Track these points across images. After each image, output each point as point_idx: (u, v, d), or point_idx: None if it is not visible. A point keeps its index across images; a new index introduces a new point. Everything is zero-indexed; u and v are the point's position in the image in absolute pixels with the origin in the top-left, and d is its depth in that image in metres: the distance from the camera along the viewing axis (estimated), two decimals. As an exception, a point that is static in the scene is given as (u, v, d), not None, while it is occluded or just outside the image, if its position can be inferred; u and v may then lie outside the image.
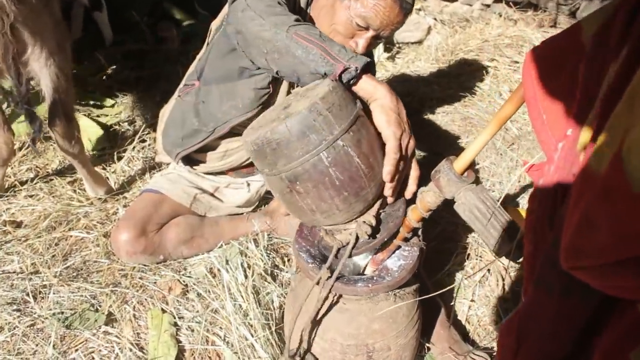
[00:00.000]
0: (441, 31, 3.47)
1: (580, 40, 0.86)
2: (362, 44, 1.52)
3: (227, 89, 1.67)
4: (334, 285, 1.27)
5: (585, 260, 0.55)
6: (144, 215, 1.85)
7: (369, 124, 1.21)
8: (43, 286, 1.81)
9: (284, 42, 1.27)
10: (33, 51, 1.82)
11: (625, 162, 0.50)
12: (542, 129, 0.89)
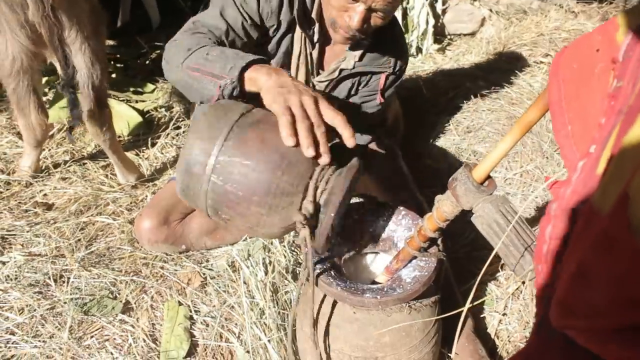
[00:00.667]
0: (496, 23, 3.29)
1: (614, 39, 0.74)
2: (355, 19, 1.41)
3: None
4: (341, 295, 1.19)
5: (577, 320, 0.45)
6: (168, 204, 1.83)
7: (259, 115, 1.12)
8: (65, 270, 1.82)
9: (183, 79, 1.30)
10: (69, 35, 1.82)
11: (632, 206, 0.40)
12: (566, 142, 0.78)
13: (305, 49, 1.61)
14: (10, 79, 1.87)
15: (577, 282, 0.45)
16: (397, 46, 1.72)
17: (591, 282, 0.43)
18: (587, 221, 0.47)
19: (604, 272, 0.41)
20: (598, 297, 0.42)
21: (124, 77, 2.90)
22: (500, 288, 1.75)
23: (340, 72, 1.66)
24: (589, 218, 0.46)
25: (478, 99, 2.47)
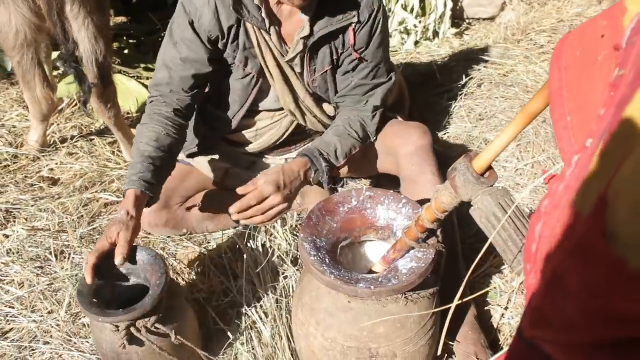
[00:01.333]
0: (517, 8, 3.19)
1: (620, 24, 0.69)
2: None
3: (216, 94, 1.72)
4: (334, 283, 1.17)
5: (550, 333, 0.41)
6: (168, 188, 1.74)
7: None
8: (66, 246, 1.82)
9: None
10: (72, 10, 1.79)
11: (610, 211, 0.36)
12: (564, 134, 0.73)
13: (262, 38, 1.56)
14: (15, 52, 1.86)
15: (553, 290, 0.41)
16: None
17: (566, 292, 0.39)
18: (567, 223, 0.43)
19: (579, 282, 0.38)
20: (573, 308, 0.38)
21: (136, 53, 2.88)
22: (505, 281, 1.71)
23: (306, 43, 1.57)
24: (570, 219, 0.42)
25: (492, 86, 2.41)
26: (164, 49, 1.60)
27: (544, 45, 2.58)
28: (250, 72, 1.62)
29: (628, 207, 0.34)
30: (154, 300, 1.24)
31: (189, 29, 1.53)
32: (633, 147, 0.36)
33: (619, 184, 0.36)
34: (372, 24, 1.59)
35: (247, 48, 1.58)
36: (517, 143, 2.12)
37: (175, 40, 1.56)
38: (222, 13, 1.51)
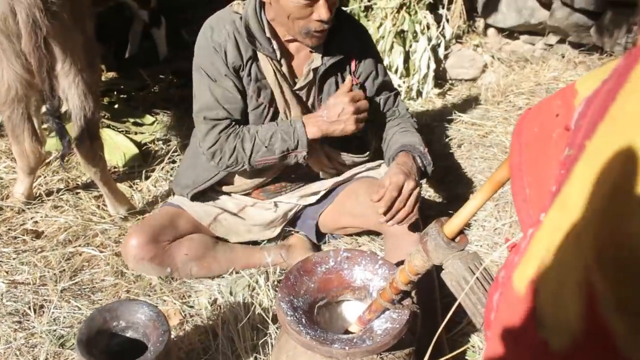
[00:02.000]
0: (497, 70, 3.31)
1: (572, 105, 0.75)
2: (324, 12, 1.56)
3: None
4: (310, 344, 1.18)
5: None
6: (158, 224, 1.86)
7: None
8: (46, 300, 1.82)
9: (255, 167, 1.80)
10: (62, 67, 1.85)
11: (538, 294, 0.39)
12: (523, 206, 0.78)
13: (274, 68, 1.73)
14: (5, 106, 1.90)
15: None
16: (353, 27, 1.87)
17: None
18: (506, 302, 0.46)
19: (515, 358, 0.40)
20: None
21: (125, 107, 2.94)
22: (482, 340, 1.72)
23: (315, 73, 1.76)
24: (507, 299, 0.45)
25: (472, 146, 2.48)
26: (207, 88, 1.74)
27: (522, 107, 2.68)
28: (262, 101, 1.77)
29: (550, 292, 0.37)
30: (156, 355, 1.26)
31: (222, 65, 1.71)
32: (556, 238, 0.40)
33: (544, 269, 0.39)
34: (370, 49, 1.89)
35: (259, 79, 1.75)
36: (495, 203, 2.17)
37: (216, 78, 1.73)
38: (241, 45, 1.70)
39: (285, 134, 1.71)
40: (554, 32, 3.44)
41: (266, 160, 1.75)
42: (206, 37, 1.73)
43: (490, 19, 3.65)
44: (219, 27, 1.71)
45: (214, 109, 1.73)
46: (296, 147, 1.72)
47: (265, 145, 1.72)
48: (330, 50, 1.76)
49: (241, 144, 1.72)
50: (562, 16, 3.27)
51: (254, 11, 1.70)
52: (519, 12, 3.50)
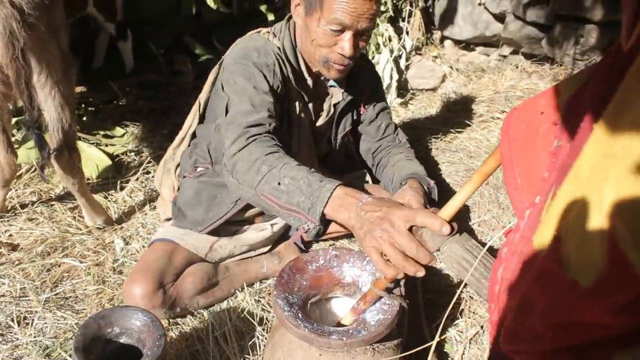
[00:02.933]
0: (456, 80, 3.47)
1: (556, 104, 0.85)
2: (347, 46, 1.55)
3: None
4: (308, 336, 1.24)
5: (521, 344, 0.52)
6: (159, 267, 1.75)
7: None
8: (29, 312, 1.81)
9: (259, 202, 1.41)
10: (39, 80, 1.86)
11: (563, 247, 0.48)
12: (515, 194, 0.87)
13: (300, 102, 1.76)
14: None
15: (522, 311, 0.52)
16: (366, 63, 1.96)
17: (533, 311, 0.50)
18: (530, 259, 0.54)
19: (542, 302, 0.48)
20: (538, 323, 0.49)
21: (94, 120, 2.93)
22: (460, 333, 1.81)
23: (336, 107, 1.82)
24: (531, 257, 0.54)
25: (438, 152, 2.60)
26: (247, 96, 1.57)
27: (483, 114, 2.82)
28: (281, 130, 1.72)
29: (574, 242, 0.46)
30: (155, 358, 1.29)
31: (265, 82, 1.61)
32: (575, 203, 0.48)
33: (567, 226, 0.47)
34: (378, 81, 2.01)
35: (285, 110, 1.74)
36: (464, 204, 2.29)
37: (257, 88, 1.58)
38: (285, 71, 1.70)
39: (307, 186, 1.29)
40: (507, 43, 3.63)
41: (270, 200, 1.36)
42: (250, 57, 1.63)
43: (447, 31, 3.82)
44: (267, 52, 1.66)
45: (254, 113, 1.53)
46: (307, 210, 1.28)
47: (282, 182, 1.33)
48: (349, 87, 1.83)
49: (262, 165, 1.39)
50: (515, 29, 3.46)
51: (291, 45, 1.71)
52: (475, 25, 3.68)
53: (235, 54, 1.69)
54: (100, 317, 1.43)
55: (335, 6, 1.50)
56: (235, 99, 1.57)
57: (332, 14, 1.51)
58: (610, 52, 0.71)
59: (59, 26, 1.97)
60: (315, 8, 1.55)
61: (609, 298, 0.43)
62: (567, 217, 0.48)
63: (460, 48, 3.86)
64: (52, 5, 1.85)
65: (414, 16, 3.67)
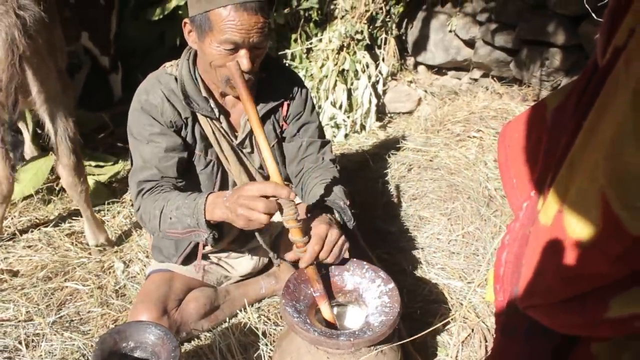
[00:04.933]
0: (431, 103, 3.64)
1: (544, 115, 0.98)
2: (245, 62, 1.55)
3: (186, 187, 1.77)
4: (318, 339, 1.33)
5: (536, 299, 0.64)
6: (161, 294, 1.80)
7: None
8: (36, 335, 1.85)
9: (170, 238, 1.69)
10: (39, 95, 1.96)
11: (565, 216, 0.60)
12: (512, 192, 0.99)
13: (214, 126, 1.75)
14: None
15: (536, 272, 0.63)
16: (286, 75, 1.87)
17: (545, 271, 0.61)
18: (537, 234, 0.66)
19: (552, 262, 0.60)
20: (549, 280, 0.60)
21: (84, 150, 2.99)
22: (452, 337, 1.92)
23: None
24: (538, 232, 0.66)
25: (421, 170, 2.74)
26: (138, 152, 1.71)
27: (460, 133, 2.98)
28: (211, 159, 1.78)
29: (576, 211, 0.58)
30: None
31: (156, 124, 1.67)
32: (572, 183, 0.61)
33: (568, 201, 0.60)
34: (302, 94, 1.87)
35: (203, 138, 1.75)
36: (447, 217, 2.42)
37: (146, 139, 1.68)
38: (178, 106, 1.69)
39: (187, 207, 1.55)
40: (478, 67, 3.83)
41: (173, 233, 1.62)
42: (140, 101, 1.70)
43: (420, 57, 4.01)
44: (154, 90, 1.69)
45: (143, 170, 1.68)
46: (197, 225, 1.54)
47: (170, 217, 1.58)
48: (262, 98, 1.77)
49: (155, 210, 1.61)
50: (484, 53, 3.66)
51: (188, 72, 1.70)
52: (446, 51, 3.88)
53: (132, 102, 1.74)
54: (116, 332, 1.49)
55: (224, 27, 1.51)
56: (133, 153, 1.76)
57: (223, 34, 1.51)
58: (587, 71, 0.85)
59: (57, 46, 2.09)
60: (206, 32, 1.55)
61: (607, 250, 0.56)
62: (567, 195, 0.61)
63: (433, 73, 4.05)
64: (52, 25, 1.96)
65: (389, 43, 3.84)
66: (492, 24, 3.58)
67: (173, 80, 1.70)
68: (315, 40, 3.75)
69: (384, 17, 3.74)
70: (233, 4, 1.49)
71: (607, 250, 0.57)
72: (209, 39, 1.54)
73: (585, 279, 0.59)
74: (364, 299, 1.54)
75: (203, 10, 1.52)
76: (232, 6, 1.49)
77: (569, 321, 0.64)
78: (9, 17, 1.78)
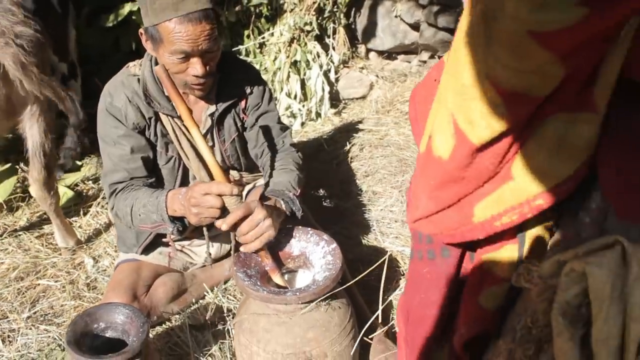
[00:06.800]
0: (382, 86, 3.80)
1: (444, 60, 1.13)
2: (198, 69, 1.65)
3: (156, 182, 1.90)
4: (267, 297, 1.47)
5: (419, 213, 0.79)
6: (130, 282, 1.92)
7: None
8: (12, 330, 1.95)
9: (139, 232, 1.92)
10: (31, 109, 2.08)
11: (432, 139, 0.75)
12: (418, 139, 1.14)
13: (175, 124, 1.84)
14: None
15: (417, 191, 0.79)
16: (243, 70, 1.97)
17: (422, 188, 0.77)
18: (418, 161, 0.82)
19: (426, 176, 0.76)
20: (425, 193, 0.75)
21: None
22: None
23: (212, 118, 1.89)
24: (419, 159, 0.81)
25: (372, 148, 2.89)
26: (106, 154, 1.83)
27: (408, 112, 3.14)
28: (172, 155, 1.89)
29: (437, 133, 0.74)
30: (140, 342, 1.47)
31: (120, 126, 1.78)
32: (436, 114, 0.76)
33: (433, 126, 0.75)
34: (259, 86, 1.98)
35: (164, 135, 1.85)
36: (399, 190, 2.57)
37: (113, 141, 1.80)
38: (141, 106, 1.79)
39: (152, 204, 1.71)
40: (425, 49, 4.00)
41: (145, 227, 1.79)
42: (105, 103, 1.79)
43: (370, 44, 4.16)
44: (118, 93, 1.78)
45: (114, 172, 1.81)
46: (162, 219, 1.71)
47: (139, 213, 1.74)
48: (222, 95, 1.88)
49: (127, 208, 1.77)
50: (429, 35, 3.83)
51: (150, 71, 1.77)
52: (394, 36, 4.04)
53: (98, 105, 1.84)
54: (87, 314, 1.59)
55: (173, 38, 1.59)
56: (102, 155, 1.88)
57: (173, 45, 1.60)
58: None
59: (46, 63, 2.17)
60: (158, 43, 1.64)
61: (459, 159, 0.72)
62: (433, 122, 0.76)
63: (383, 58, 4.21)
64: (47, 43, 2.09)
65: (338, 33, 3.99)
66: (434, 7, 3.75)
67: (136, 81, 1.79)
68: (267, 34, 3.88)
69: (331, 7, 3.88)
70: (177, 16, 1.57)
71: (459, 159, 0.72)
72: (162, 50, 1.64)
73: (447, 187, 0.75)
74: (310, 261, 1.68)
75: (152, 23, 1.62)
76: (177, 19, 1.57)
77: (448, 228, 0.79)
78: (9, 49, 1.90)
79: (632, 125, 0.64)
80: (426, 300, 0.98)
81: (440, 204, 0.78)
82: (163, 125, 1.84)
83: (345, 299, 1.64)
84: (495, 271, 0.86)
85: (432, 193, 0.78)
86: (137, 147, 1.81)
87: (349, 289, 1.70)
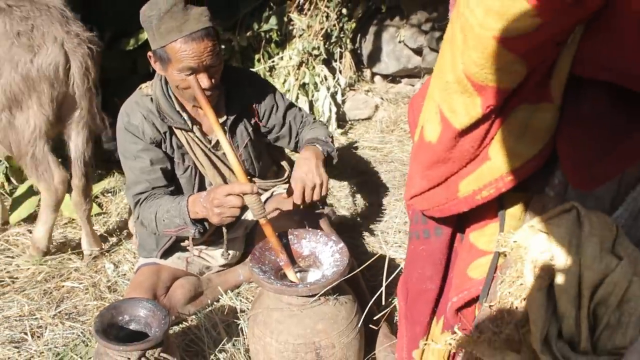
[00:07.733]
0: (387, 108, 3.97)
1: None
2: (205, 82, 1.80)
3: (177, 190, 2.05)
4: (280, 289, 1.61)
5: (413, 191, 0.94)
6: (150, 283, 2.06)
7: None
8: (39, 327, 2.09)
9: (164, 236, 2.04)
10: (79, 114, 2.23)
11: (424, 128, 0.91)
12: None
13: (188, 136, 2.00)
14: (29, 146, 2.18)
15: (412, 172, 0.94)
16: (247, 79, 2.12)
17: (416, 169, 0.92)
18: (413, 150, 0.97)
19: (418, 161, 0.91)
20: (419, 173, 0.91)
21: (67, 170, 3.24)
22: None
23: (224, 126, 1.98)
24: (413, 148, 0.96)
25: (377, 164, 3.05)
26: (128, 168, 1.98)
27: (411, 130, 3.31)
28: (188, 164, 2.04)
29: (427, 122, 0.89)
30: (162, 332, 1.60)
31: (139, 142, 1.94)
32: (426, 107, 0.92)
33: (424, 117, 0.91)
34: (266, 90, 2.14)
35: (180, 147, 2.01)
36: (401, 202, 2.72)
37: (133, 155, 1.95)
38: (156, 122, 1.94)
39: (174, 209, 1.85)
40: (427, 73, 4.19)
41: (169, 232, 1.93)
42: (123, 122, 1.95)
43: (375, 68, 4.36)
44: (134, 112, 1.94)
45: (136, 184, 1.96)
46: (184, 223, 1.85)
47: (163, 219, 1.88)
48: (232, 104, 2.02)
49: (151, 215, 1.90)
50: (432, 59, 4.02)
51: (161, 90, 1.92)
52: (398, 60, 4.23)
53: (117, 124, 2.00)
54: (112, 308, 1.73)
55: (180, 57, 1.74)
56: (124, 169, 2.03)
57: (180, 63, 1.75)
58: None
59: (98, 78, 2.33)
60: (166, 63, 1.78)
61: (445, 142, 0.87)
62: (424, 113, 0.92)
63: (388, 81, 4.40)
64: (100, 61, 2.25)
65: (345, 57, 4.19)
66: (436, 32, 3.95)
67: (149, 100, 1.95)
68: (276, 58, 4.07)
69: (338, 33, 4.09)
70: (182, 37, 1.73)
71: (445, 142, 0.87)
72: (170, 68, 1.79)
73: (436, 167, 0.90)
74: (320, 260, 1.81)
75: (159, 45, 1.78)
76: (182, 39, 1.73)
77: (437, 203, 0.94)
78: (82, 49, 2.08)
79: (580, 111, 0.79)
80: (423, 276, 1.12)
81: (431, 182, 0.93)
82: (177, 138, 2.00)
83: (351, 295, 1.78)
84: (481, 245, 1.00)
85: (424, 172, 0.93)
86: (156, 159, 1.96)
87: (355, 279, 1.86)
